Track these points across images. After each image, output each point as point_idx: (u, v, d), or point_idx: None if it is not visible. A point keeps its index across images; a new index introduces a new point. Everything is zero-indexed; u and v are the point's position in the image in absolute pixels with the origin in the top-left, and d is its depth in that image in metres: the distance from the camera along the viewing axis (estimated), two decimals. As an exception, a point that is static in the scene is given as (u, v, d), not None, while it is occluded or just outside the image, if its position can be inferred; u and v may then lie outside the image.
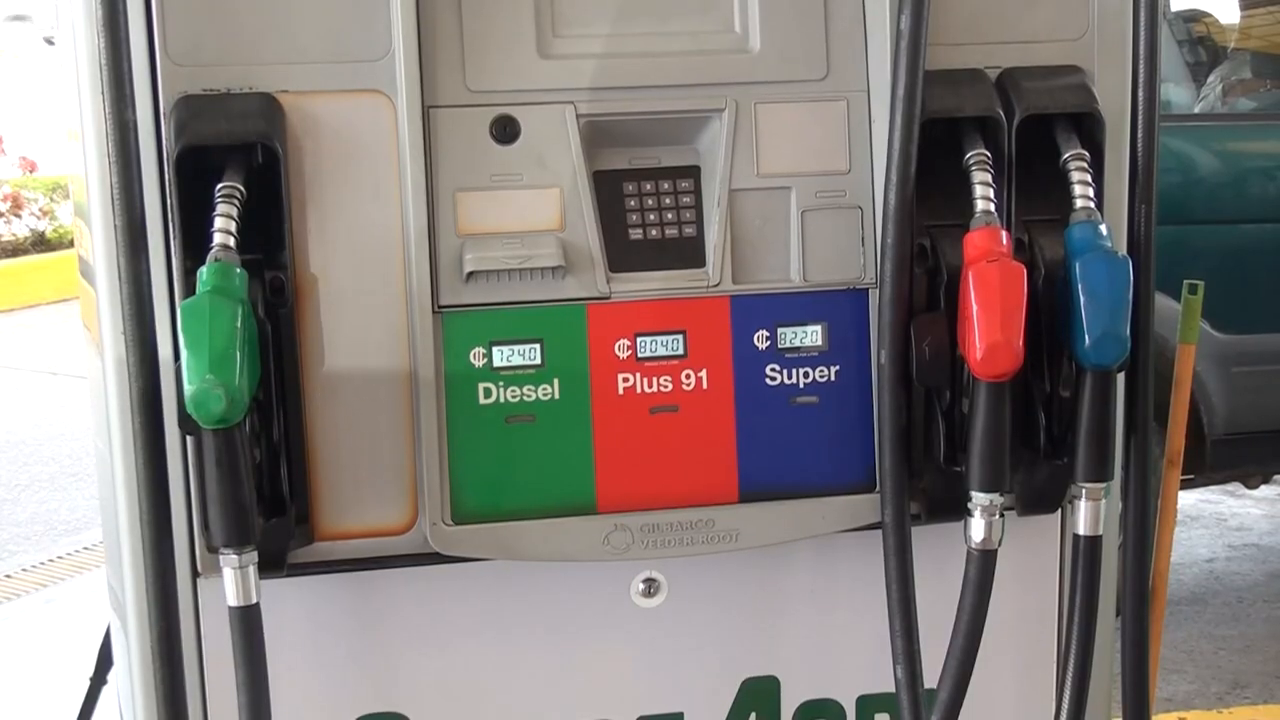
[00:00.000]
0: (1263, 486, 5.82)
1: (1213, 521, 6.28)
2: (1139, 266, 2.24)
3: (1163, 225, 2.40)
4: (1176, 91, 5.29)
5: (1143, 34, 2.31)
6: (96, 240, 2.15)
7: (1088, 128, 2.25)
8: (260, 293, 2.10)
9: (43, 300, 10.40)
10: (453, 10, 2.17)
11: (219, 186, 2.04)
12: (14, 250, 10.51)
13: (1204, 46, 5.38)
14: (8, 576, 6.05)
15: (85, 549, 6.24)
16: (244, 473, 2.00)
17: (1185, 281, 2.80)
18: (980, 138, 2.21)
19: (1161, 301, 2.45)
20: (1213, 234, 4.79)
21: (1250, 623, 5.42)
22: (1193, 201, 4.78)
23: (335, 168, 2.15)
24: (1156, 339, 2.37)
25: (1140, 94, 2.32)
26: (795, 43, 2.27)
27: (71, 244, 9.51)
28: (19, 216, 10.55)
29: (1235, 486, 5.90)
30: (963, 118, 2.22)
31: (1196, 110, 5.24)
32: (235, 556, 2.03)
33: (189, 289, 2.04)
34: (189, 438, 2.07)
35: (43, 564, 6.16)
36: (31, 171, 11.17)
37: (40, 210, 10.65)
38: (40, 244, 10.57)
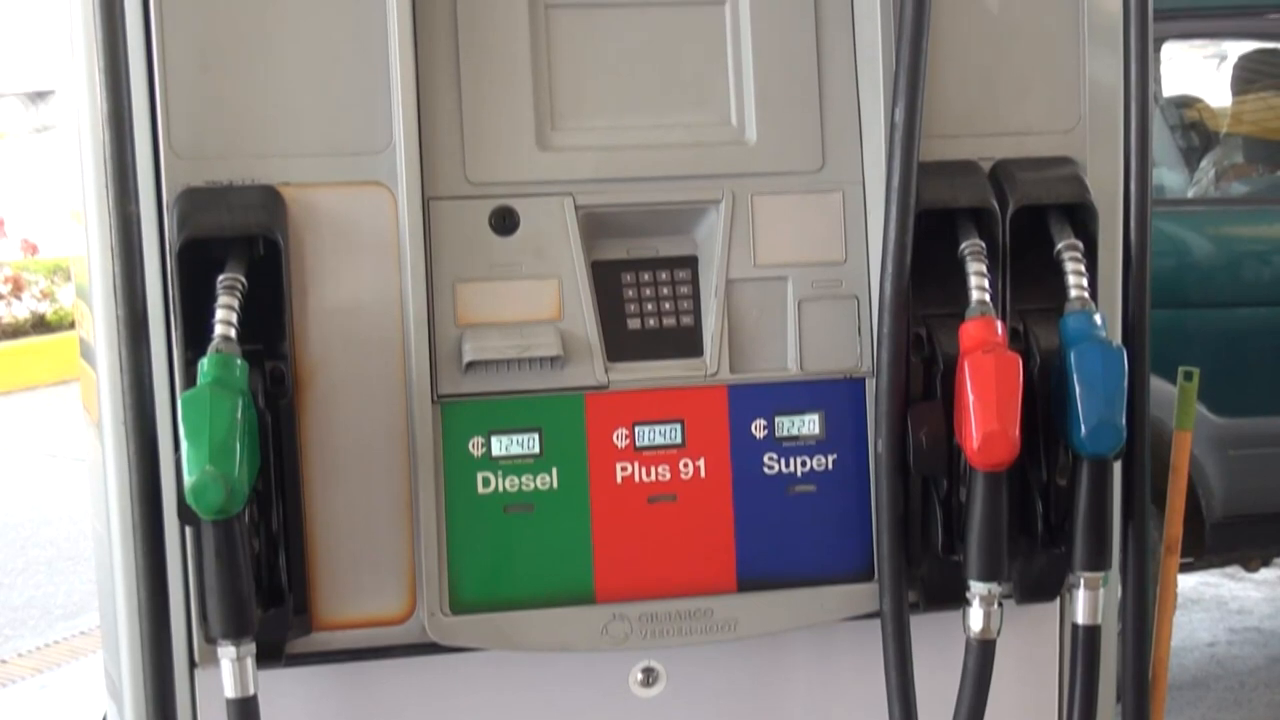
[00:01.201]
0: (1263, 570, 5.80)
1: (1213, 605, 6.25)
2: (1134, 355, 2.25)
3: (1158, 309, 2.42)
4: (1170, 176, 5.32)
5: (1134, 126, 2.34)
6: (98, 327, 2.17)
7: (1081, 218, 2.27)
8: (261, 383, 2.11)
9: (42, 382, 10.41)
10: (453, 103, 2.20)
11: (221, 278, 2.06)
12: (14, 332, 10.53)
13: (1196, 131, 5.43)
14: (3, 662, 6.01)
15: (81, 634, 6.20)
16: (243, 564, 2.01)
17: (1180, 369, 2.81)
18: (975, 228, 2.23)
19: (1157, 385, 2.46)
20: (1208, 318, 4.81)
21: (1253, 708, 5.37)
22: (1188, 285, 4.80)
23: (336, 258, 2.17)
24: (1153, 422, 2.38)
25: (1132, 185, 2.34)
26: (791, 135, 2.29)
27: (72, 326, 9.52)
28: (19, 299, 10.58)
29: (1235, 569, 5.87)
30: (957, 208, 2.24)
31: (1190, 195, 5.28)
32: (233, 648, 2.02)
33: (190, 380, 2.05)
34: (188, 528, 2.07)
35: (39, 649, 6.12)
36: (33, 254, 11.22)
37: (41, 292, 10.69)
38: (40, 326, 10.60)
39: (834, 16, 2.31)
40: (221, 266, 2.08)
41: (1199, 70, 7.79)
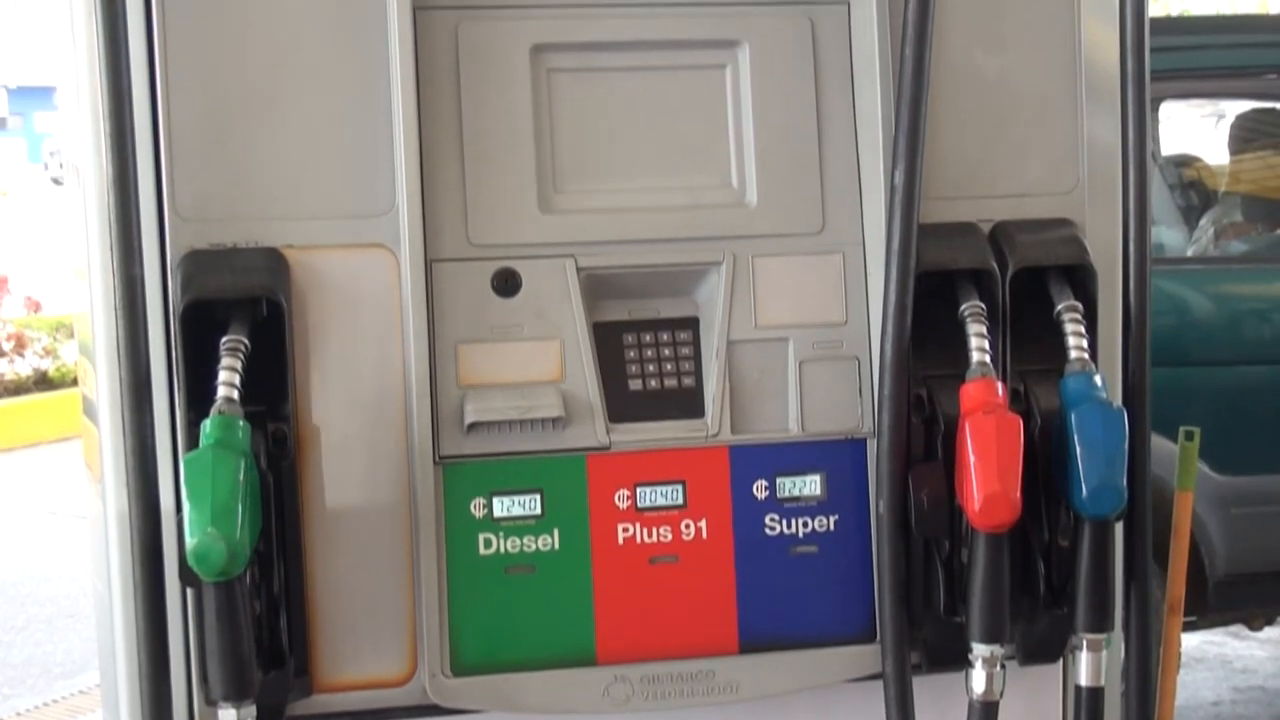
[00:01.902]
0: (1267, 628, 5.77)
1: (1217, 664, 6.22)
2: (1134, 416, 2.26)
3: (1158, 367, 2.43)
4: (1170, 234, 5.34)
5: (1132, 188, 2.36)
6: (101, 388, 2.18)
7: (1080, 279, 2.28)
8: (263, 444, 2.11)
9: (44, 439, 10.41)
10: (455, 166, 2.22)
11: (224, 340, 2.06)
12: (16, 389, 10.54)
13: (1195, 190, 5.45)
14: (2, 721, 5.98)
15: (81, 693, 6.17)
16: (244, 626, 2.01)
17: (1181, 429, 2.82)
18: (975, 289, 2.24)
19: (1159, 443, 2.46)
20: (1209, 376, 4.81)
21: (1259, 767, 5.35)
22: (1188, 344, 4.81)
23: (339, 320, 2.18)
24: (1155, 480, 2.38)
25: (1131, 246, 2.36)
26: (791, 197, 2.31)
27: (74, 383, 9.55)
28: (22, 355, 10.60)
29: (1239, 628, 5.85)
30: (957, 270, 2.25)
31: (1190, 253, 5.30)
32: (234, 711, 2.02)
33: (192, 441, 2.06)
34: (189, 589, 2.07)
35: (38, 708, 6.09)
36: (36, 311, 11.25)
37: (44, 349, 10.71)
38: (42, 383, 10.61)
39: (834, 80, 2.33)
40: (225, 327, 2.09)
41: (1197, 129, 7.83)
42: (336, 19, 2.18)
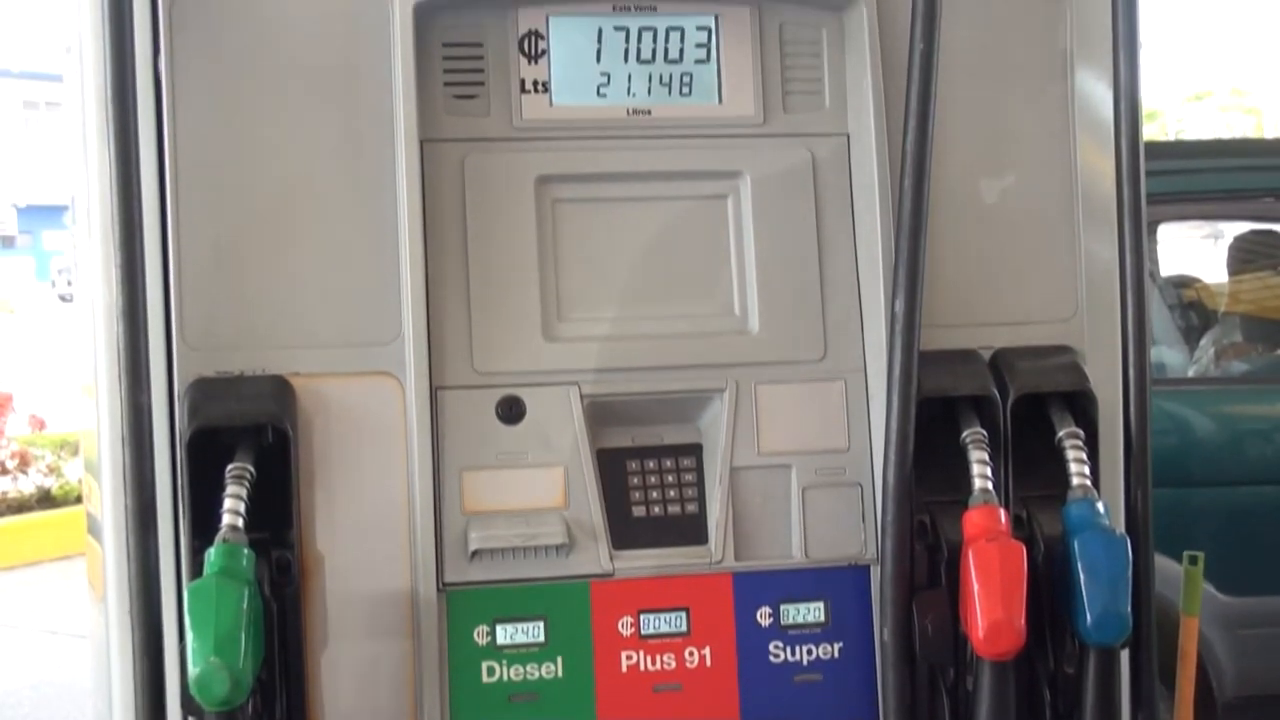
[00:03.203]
0: (1276, 751, 5.70)
1: (1228, 787, 6.13)
2: (1137, 543, 2.26)
3: (1162, 488, 2.43)
4: (1170, 355, 5.37)
5: (1131, 314, 2.37)
6: (106, 514, 2.19)
7: (1081, 405, 2.30)
8: (267, 572, 2.12)
9: (46, 557, 10.36)
10: (461, 295, 2.25)
11: (229, 467, 2.08)
12: (19, 507, 10.51)
13: (1195, 311, 5.49)
14: (-3, 847, 5.89)
15: (78, 817, 6.10)
16: (247, 756, 2.00)
17: (1185, 553, 2.82)
18: (976, 416, 2.26)
19: (1164, 564, 2.46)
20: (1213, 497, 4.80)
21: None
22: (1191, 464, 4.81)
23: (344, 447, 2.20)
24: (1161, 602, 2.38)
25: (1131, 373, 2.37)
26: (793, 325, 2.33)
27: (78, 500, 9.52)
28: (26, 474, 10.58)
29: (1249, 751, 5.78)
30: (958, 397, 2.27)
31: (1191, 374, 5.32)
32: (236, 840, 2.00)
33: (196, 568, 2.06)
34: (192, 718, 2.06)
35: (34, 833, 6.00)
36: (40, 429, 11.25)
37: (48, 467, 10.69)
38: (45, 500, 10.57)
39: (834, 209, 2.37)
40: (231, 453, 2.10)
41: (1196, 249, 7.89)
42: (345, 150, 2.23)
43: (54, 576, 10.16)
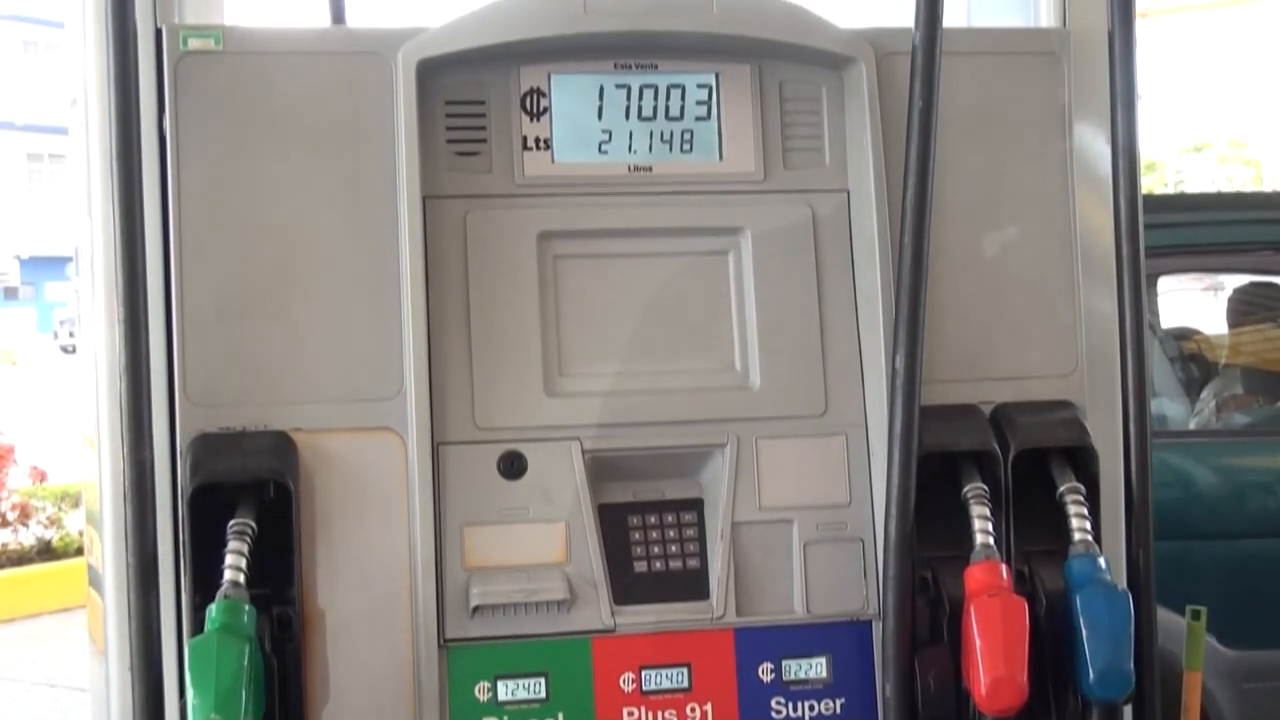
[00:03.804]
0: (1283, 806, 5.66)
1: (1234, 842, 6.08)
2: (1139, 598, 2.26)
3: (1165, 541, 2.43)
4: (1171, 407, 5.37)
5: (1131, 372, 2.38)
6: (107, 567, 2.19)
7: (1082, 460, 2.30)
8: (268, 627, 2.12)
9: (46, 610, 10.33)
10: (463, 351, 2.26)
11: (231, 523, 2.08)
12: (19, 559, 10.48)
13: (1196, 363, 5.50)
14: None
15: None
16: (247, 814, 1.99)
17: (1188, 607, 2.81)
18: (977, 471, 2.26)
19: (1167, 617, 2.45)
20: (1216, 549, 4.79)
21: None
22: (1193, 517, 4.80)
23: (346, 503, 2.20)
24: (1164, 655, 2.37)
25: (1132, 428, 2.37)
26: (794, 380, 2.34)
27: (78, 552, 9.49)
28: (26, 526, 10.56)
29: (1254, 806, 5.74)
30: (959, 452, 2.27)
31: (1192, 426, 5.32)
32: None
33: (198, 624, 2.06)
34: (191, 775, 2.06)
35: None
36: (41, 480, 11.23)
37: (48, 519, 10.67)
38: (46, 552, 10.55)
39: (834, 264, 2.38)
40: (233, 509, 2.11)
41: (1196, 301, 7.91)
42: (348, 206, 2.24)
43: (54, 629, 10.13)
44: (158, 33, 2.21)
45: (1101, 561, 2.21)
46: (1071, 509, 2.24)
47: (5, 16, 45.06)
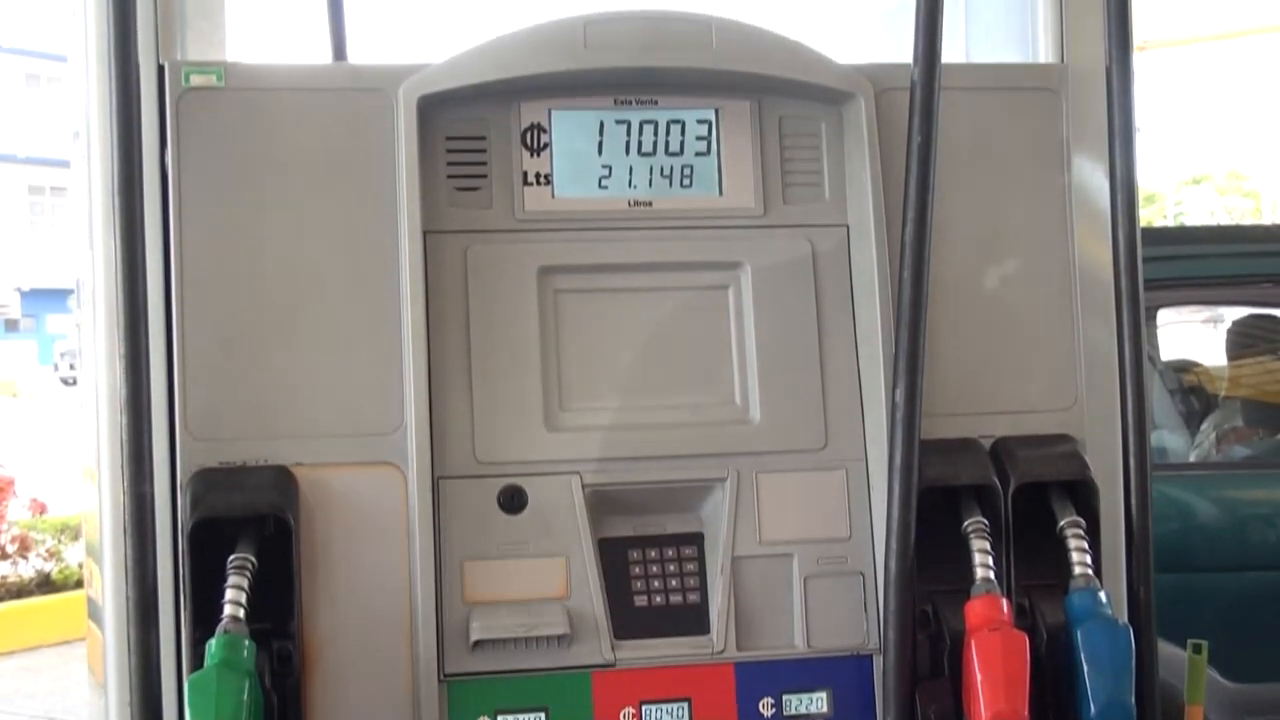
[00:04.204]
0: (1286, 840, 5.64)
1: None
2: (1140, 631, 2.26)
3: (1167, 573, 2.42)
4: (1171, 439, 5.37)
5: (1130, 406, 2.38)
6: (107, 601, 2.19)
7: (1082, 494, 2.30)
8: (268, 663, 2.11)
9: (45, 642, 10.30)
10: (463, 386, 2.26)
11: (231, 558, 2.08)
12: (19, 592, 10.46)
13: (1195, 395, 5.50)
14: None
15: None
16: None
17: (1189, 641, 2.80)
18: (977, 505, 2.26)
19: (1170, 651, 2.44)
20: (1217, 581, 4.79)
21: None
22: (1194, 549, 4.80)
23: (346, 537, 2.20)
24: (1166, 689, 2.36)
25: (1132, 462, 2.38)
26: (794, 414, 2.34)
27: (78, 584, 9.47)
28: (26, 558, 10.55)
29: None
30: (959, 486, 2.27)
31: (1192, 458, 5.32)
32: None
33: (197, 659, 2.06)
34: (190, 811, 2.05)
35: None
36: (41, 513, 11.22)
37: (48, 551, 10.65)
38: (45, 585, 10.53)
39: (834, 298, 2.38)
40: (233, 543, 2.11)
41: (1196, 334, 7.91)
42: (349, 241, 2.25)
43: (53, 662, 10.10)
44: (160, 69, 2.22)
45: (1102, 595, 2.21)
46: (1072, 543, 2.24)
47: (7, 50, 45.25)
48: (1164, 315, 5.70)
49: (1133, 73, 2.42)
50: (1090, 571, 2.23)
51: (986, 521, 2.24)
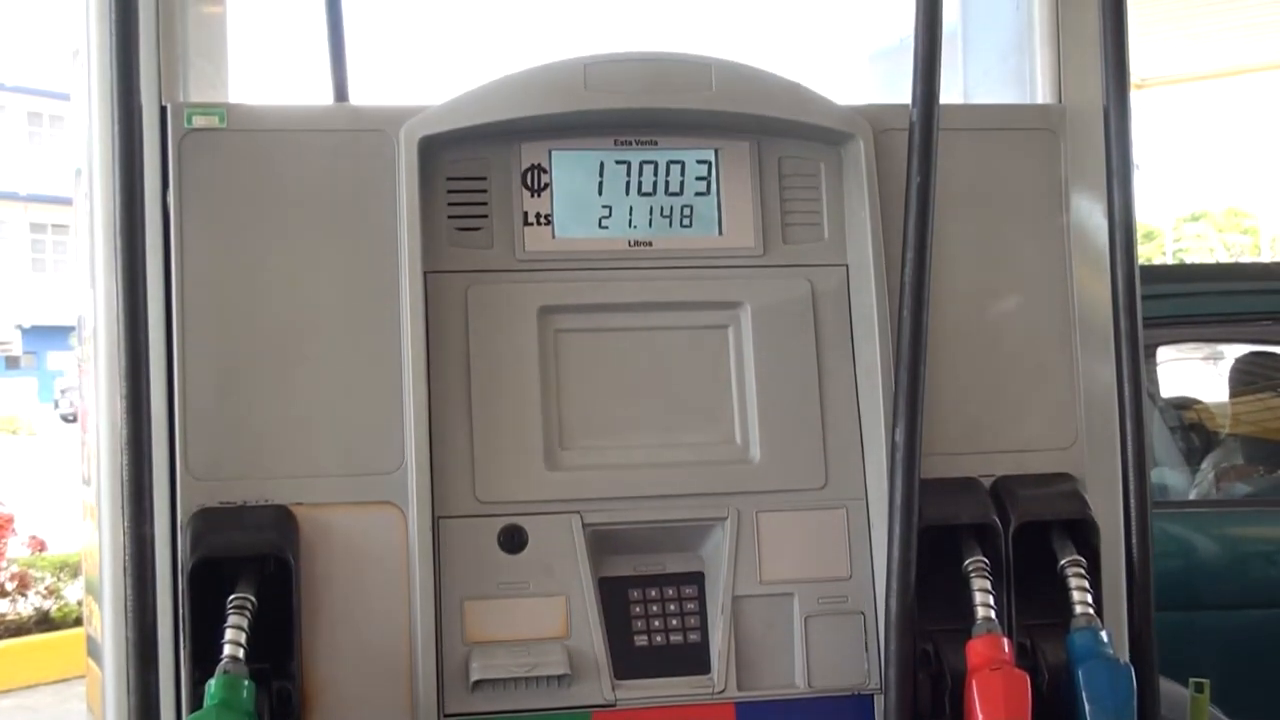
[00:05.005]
0: None
1: None
2: (1141, 671, 2.25)
3: (1168, 611, 2.42)
4: (1172, 476, 5.37)
5: (1130, 445, 2.38)
6: (106, 642, 2.18)
7: (1082, 533, 2.30)
8: (268, 703, 2.11)
9: (43, 680, 10.27)
10: (463, 425, 2.26)
11: (231, 598, 2.08)
12: (17, 630, 10.43)
13: (1196, 433, 5.50)
14: None
15: None
16: None
17: (1191, 680, 2.79)
18: (978, 544, 2.26)
19: (1170, 688, 2.44)
20: (1218, 619, 4.78)
21: None
22: (1197, 587, 4.79)
23: (346, 577, 2.20)
24: (1168, 727, 2.36)
25: (1132, 501, 2.38)
26: (794, 453, 2.35)
27: (77, 622, 9.45)
28: (24, 596, 10.52)
29: None
30: (960, 525, 2.28)
31: (1192, 496, 5.32)
32: None
33: (196, 700, 2.05)
34: None
35: None
36: (40, 550, 11.20)
37: (47, 589, 10.63)
38: (44, 623, 10.50)
39: (834, 338, 2.39)
40: (233, 583, 2.11)
41: (1196, 371, 7.91)
42: (349, 281, 2.26)
43: (51, 700, 10.07)
44: (163, 110, 2.23)
45: (1103, 634, 2.21)
46: (1073, 582, 2.24)
47: (10, 88, 45.45)
48: (1164, 353, 5.70)
49: (1130, 112, 2.43)
50: (1091, 610, 2.23)
51: (987, 561, 2.24)
